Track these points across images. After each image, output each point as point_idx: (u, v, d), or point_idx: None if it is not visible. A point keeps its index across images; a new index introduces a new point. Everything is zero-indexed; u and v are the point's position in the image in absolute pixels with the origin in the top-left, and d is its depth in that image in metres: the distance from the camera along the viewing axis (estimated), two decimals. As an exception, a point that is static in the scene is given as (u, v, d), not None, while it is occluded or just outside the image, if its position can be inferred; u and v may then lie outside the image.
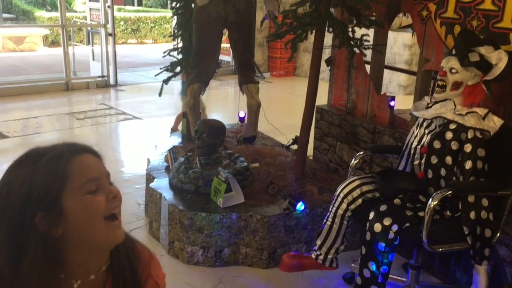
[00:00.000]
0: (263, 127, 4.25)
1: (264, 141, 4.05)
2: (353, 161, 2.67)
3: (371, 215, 2.21)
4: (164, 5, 18.66)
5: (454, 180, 2.22)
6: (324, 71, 6.35)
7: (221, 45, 3.82)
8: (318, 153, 3.82)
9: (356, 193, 2.44)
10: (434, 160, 2.29)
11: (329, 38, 3.38)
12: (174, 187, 3.11)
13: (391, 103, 3.29)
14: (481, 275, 2.19)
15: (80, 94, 7.44)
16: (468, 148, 2.18)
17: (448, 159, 2.24)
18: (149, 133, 5.50)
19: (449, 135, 2.24)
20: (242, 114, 4.21)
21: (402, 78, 7.73)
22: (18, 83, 7.58)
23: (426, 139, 2.33)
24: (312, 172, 3.33)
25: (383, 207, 2.22)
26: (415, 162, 2.39)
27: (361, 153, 2.72)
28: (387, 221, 2.16)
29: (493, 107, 2.39)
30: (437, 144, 2.27)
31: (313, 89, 3.12)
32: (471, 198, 2.14)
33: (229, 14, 3.53)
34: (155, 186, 3.17)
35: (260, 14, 5.26)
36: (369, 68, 3.44)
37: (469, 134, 2.19)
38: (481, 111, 2.23)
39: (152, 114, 6.40)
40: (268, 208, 2.88)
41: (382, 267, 2.20)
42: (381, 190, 2.42)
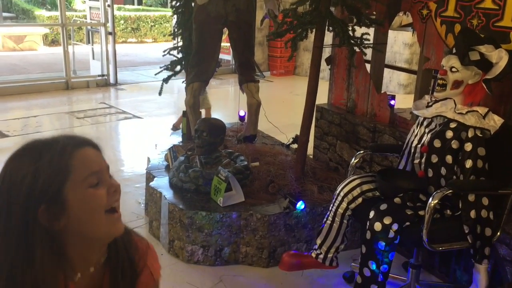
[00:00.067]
0: (263, 126, 4.25)
1: (264, 140, 4.05)
2: (353, 160, 2.67)
3: (371, 214, 2.21)
4: (164, 4, 18.64)
5: (455, 179, 2.22)
6: (324, 70, 6.35)
7: (221, 44, 3.82)
8: (318, 152, 3.82)
9: (356, 192, 2.44)
10: (435, 159, 2.28)
11: (329, 37, 3.38)
12: (174, 186, 3.11)
13: (391, 102, 3.28)
14: (481, 274, 2.19)
15: (80, 93, 7.43)
16: (469, 147, 2.18)
17: (449, 158, 2.24)
18: (149, 132, 5.50)
19: (450, 134, 2.24)
20: (242, 113, 4.21)
21: (402, 77, 7.73)
22: (18, 82, 7.59)
23: (427, 138, 2.33)
24: (312, 171, 3.33)
25: (383, 206, 2.22)
26: (416, 161, 2.39)
27: (361, 152, 2.72)
28: (387, 220, 2.16)
29: (494, 106, 2.39)
30: (438, 143, 2.27)
31: (313, 88, 3.12)
32: (472, 197, 2.14)
33: (229, 13, 3.52)
34: (155, 185, 3.17)
35: (260, 13, 5.25)
36: (369, 67, 3.44)
37: (470, 133, 2.19)
38: (482, 110, 2.23)
39: (152, 113, 6.40)
40: (268, 207, 2.88)
41: (382, 266, 2.20)
42: (381, 189, 2.41)
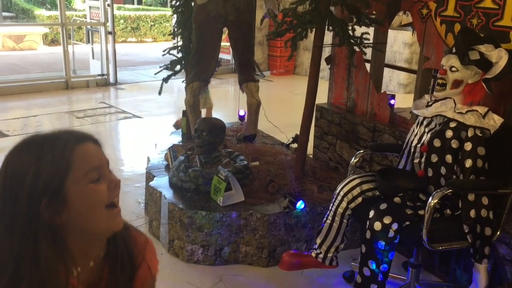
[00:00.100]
0: (263, 126, 4.25)
1: (264, 140, 4.05)
2: (353, 160, 2.67)
3: (371, 214, 2.21)
4: (164, 4, 18.63)
5: (454, 179, 2.22)
6: (324, 70, 6.35)
7: (221, 44, 3.82)
8: (318, 152, 3.82)
9: (356, 192, 2.44)
10: (434, 159, 2.28)
11: (329, 37, 3.38)
12: (174, 186, 3.11)
13: (391, 102, 3.29)
14: (481, 274, 2.19)
15: (80, 93, 7.43)
16: (468, 147, 2.18)
17: (448, 158, 2.24)
18: (149, 132, 5.50)
19: (449, 134, 2.24)
20: (242, 113, 4.21)
21: (402, 77, 7.73)
22: (18, 82, 7.58)
23: (426, 138, 2.33)
24: (312, 171, 3.33)
25: (383, 206, 2.22)
26: (415, 161, 2.39)
27: (361, 152, 2.72)
28: (387, 220, 2.16)
29: (493, 106, 2.39)
30: (437, 143, 2.27)
31: (313, 88, 3.12)
32: (471, 197, 2.14)
33: (229, 13, 3.52)
34: (155, 185, 3.17)
35: (260, 13, 5.26)
36: (369, 67, 3.44)
37: (469, 133, 2.18)
38: (481, 110, 2.22)
39: (152, 113, 6.40)
40: (268, 207, 2.88)
41: (382, 266, 2.20)
42: (381, 189, 2.41)
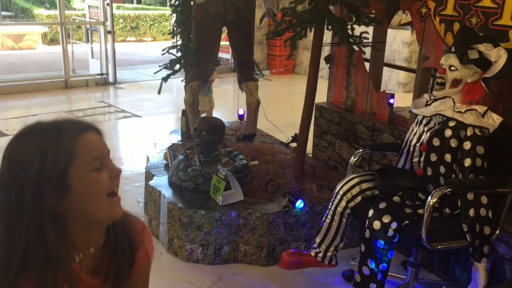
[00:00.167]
0: (263, 125, 4.25)
1: (264, 139, 4.05)
2: (352, 159, 2.67)
3: (371, 213, 2.22)
4: (163, 3, 18.63)
5: (453, 178, 2.22)
6: (324, 69, 6.35)
7: (220, 43, 3.82)
8: (318, 151, 3.82)
9: (355, 191, 2.44)
10: (433, 158, 2.28)
11: (328, 36, 3.38)
12: (173, 185, 3.11)
13: (390, 101, 3.29)
14: (480, 273, 2.19)
15: (79, 92, 7.43)
16: (467, 146, 2.18)
17: (447, 157, 2.24)
18: (149, 131, 5.50)
19: (448, 133, 2.24)
20: (242, 112, 4.21)
21: (402, 76, 7.73)
22: (17, 81, 7.58)
23: (425, 137, 2.33)
24: (312, 170, 3.33)
25: (382, 205, 2.22)
26: (414, 160, 2.39)
27: (361, 151, 2.71)
28: (386, 219, 2.16)
29: (492, 105, 2.39)
30: (436, 142, 2.27)
31: (313, 87, 3.12)
32: (470, 196, 2.14)
33: (228, 12, 3.52)
34: (154, 184, 3.17)
35: (259, 12, 5.25)
36: (368, 66, 3.44)
37: (468, 132, 2.19)
38: (480, 109, 2.23)
39: (152, 112, 6.40)
40: (268, 206, 2.88)
41: (381, 265, 2.20)
42: (380, 188, 2.42)
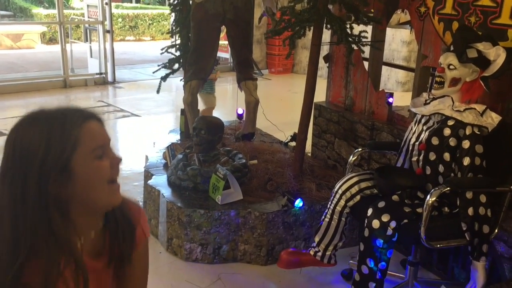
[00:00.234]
0: (262, 124, 4.25)
1: (263, 138, 4.05)
2: (351, 158, 2.67)
3: (370, 212, 2.22)
4: (162, 2, 18.62)
5: (452, 177, 2.22)
6: (323, 68, 6.34)
7: (219, 42, 3.82)
8: (317, 150, 3.82)
9: (355, 190, 2.44)
10: (432, 157, 2.29)
11: (327, 35, 3.38)
12: (173, 184, 3.11)
13: (389, 100, 3.29)
14: (479, 271, 2.19)
15: (78, 91, 7.42)
16: (466, 145, 2.18)
17: (446, 156, 2.24)
18: (148, 130, 5.50)
19: (447, 132, 2.24)
20: (241, 111, 4.21)
21: (401, 75, 7.74)
22: (16, 81, 7.57)
23: (424, 136, 2.33)
24: (311, 169, 3.33)
25: (381, 204, 2.22)
26: (413, 159, 2.39)
27: (360, 150, 2.72)
28: (385, 218, 2.16)
29: (491, 104, 2.39)
30: (435, 141, 2.27)
31: (311, 86, 3.12)
32: (469, 195, 2.14)
33: (227, 11, 3.51)
34: (154, 183, 3.17)
35: (258, 11, 5.25)
36: (367, 65, 3.44)
37: (467, 131, 2.19)
38: (479, 108, 2.23)
39: (151, 111, 6.40)
40: (267, 205, 2.88)
41: (380, 264, 2.21)
42: (379, 187, 2.42)
